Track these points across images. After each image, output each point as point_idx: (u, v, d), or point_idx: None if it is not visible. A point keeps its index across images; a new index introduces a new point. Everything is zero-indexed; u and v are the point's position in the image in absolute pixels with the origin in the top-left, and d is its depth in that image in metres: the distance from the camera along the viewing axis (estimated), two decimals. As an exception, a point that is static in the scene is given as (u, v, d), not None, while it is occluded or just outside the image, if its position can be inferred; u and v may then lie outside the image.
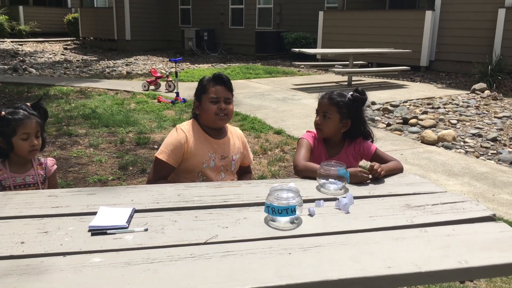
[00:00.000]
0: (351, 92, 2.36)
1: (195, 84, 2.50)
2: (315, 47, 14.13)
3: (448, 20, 11.63)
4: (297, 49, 11.09)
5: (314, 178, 2.08)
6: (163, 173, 2.30)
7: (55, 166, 2.39)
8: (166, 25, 20.24)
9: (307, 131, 2.45)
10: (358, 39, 13.01)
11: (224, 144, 2.40)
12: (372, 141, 2.44)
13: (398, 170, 2.28)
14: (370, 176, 2.12)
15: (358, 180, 2.07)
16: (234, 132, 2.52)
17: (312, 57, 13.93)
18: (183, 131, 2.33)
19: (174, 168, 2.31)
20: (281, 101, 8.33)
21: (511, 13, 10.47)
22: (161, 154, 2.28)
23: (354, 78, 10.91)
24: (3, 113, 2.17)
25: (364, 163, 2.57)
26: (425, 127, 6.41)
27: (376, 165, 2.13)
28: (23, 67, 12.59)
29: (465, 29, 11.34)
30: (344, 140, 2.42)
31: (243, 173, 2.61)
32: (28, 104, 2.27)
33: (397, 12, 12.95)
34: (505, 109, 7.65)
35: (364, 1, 14.57)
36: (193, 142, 2.32)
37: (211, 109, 2.31)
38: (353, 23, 13.31)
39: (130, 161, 4.72)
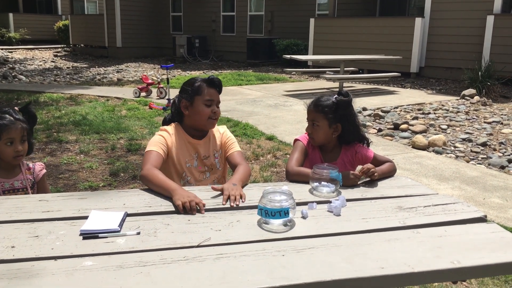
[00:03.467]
0: (335, 96, 2.34)
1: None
2: (307, 54, 14.19)
3: (437, 27, 11.76)
4: (288, 56, 11.13)
5: (306, 183, 2.09)
6: (154, 160, 2.17)
7: (44, 171, 2.37)
8: (157, 32, 20.24)
9: (305, 133, 2.42)
10: (349, 45, 13.10)
11: (205, 143, 2.40)
12: (368, 145, 2.42)
13: (392, 172, 2.29)
14: (362, 179, 2.12)
15: (350, 182, 2.08)
16: (216, 130, 2.48)
17: (304, 64, 13.99)
18: (166, 128, 2.37)
19: (162, 158, 2.23)
20: (272, 107, 8.35)
21: (499, 20, 10.62)
22: (150, 146, 2.25)
23: (345, 84, 10.97)
24: None
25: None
26: (415, 133, 6.45)
27: (369, 165, 2.13)
28: (13, 74, 12.50)
29: (455, 35, 11.48)
30: (340, 146, 2.40)
31: (234, 165, 2.36)
32: (16, 108, 2.25)
33: (387, 19, 13.07)
34: (495, 115, 7.73)
35: (355, 8, 14.69)
36: (176, 140, 2.33)
37: (205, 112, 2.31)
38: (344, 30, 13.40)
39: (121, 168, 4.70)
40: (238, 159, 2.35)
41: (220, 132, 2.48)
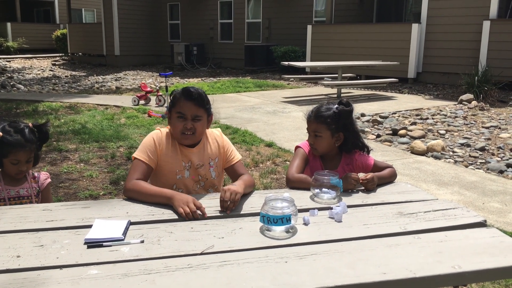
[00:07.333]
0: (336, 105, 2.32)
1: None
2: (304, 60, 14.26)
3: (434, 32, 11.83)
4: (286, 63, 11.18)
5: (307, 189, 2.10)
6: (140, 172, 2.13)
7: (49, 180, 2.39)
8: (155, 40, 20.32)
9: (307, 140, 2.42)
10: (347, 52, 13.16)
11: (198, 151, 2.27)
12: (368, 153, 2.43)
13: (392, 177, 2.32)
14: (359, 186, 2.15)
15: (349, 184, 2.10)
16: (210, 135, 2.36)
17: (302, 70, 14.05)
18: (160, 130, 2.28)
19: (152, 169, 2.19)
20: (271, 114, 8.37)
21: (495, 25, 10.69)
22: (137, 152, 2.21)
23: (343, 90, 11.01)
24: (0, 133, 2.17)
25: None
26: (414, 138, 6.47)
27: (371, 177, 2.15)
28: (11, 83, 12.52)
29: (451, 41, 11.55)
30: (341, 154, 2.40)
31: (236, 176, 2.30)
32: (30, 125, 2.27)
33: (384, 25, 13.15)
34: (492, 119, 7.77)
35: (352, 14, 14.78)
36: (167, 146, 2.22)
37: (177, 126, 2.19)
38: (341, 36, 13.48)
39: (121, 176, 4.70)
40: (241, 170, 2.31)
41: (217, 139, 2.35)
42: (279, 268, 1.40)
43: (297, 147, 2.44)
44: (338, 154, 2.40)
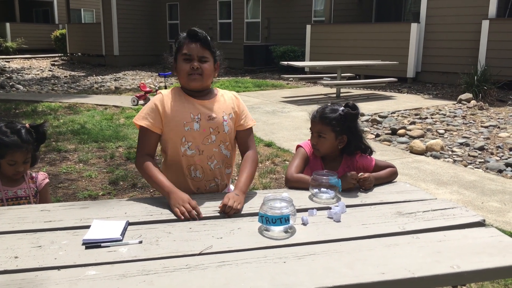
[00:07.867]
0: (342, 108, 2.29)
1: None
2: (304, 60, 14.26)
3: (433, 32, 11.84)
4: (285, 62, 11.18)
5: (306, 189, 2.10)
6: (147, 143, 2.11)
7: (47, 180, 2.39)
8: (154, 40, 20.31)
9: (309, 140, 2.40)
10: (346, 51, 13.17)
11: (211, 104, 2.17)
12: (370, 154, 2.39)
13: (391, 177, 2.31)
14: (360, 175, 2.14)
15: (348, 183, 2.09)
16: (225, 93, 2.29)
17: (301, 70, 14.05)
18: (161, 92, 2.19)
19: (158, 136, 2.13)
20: (270, 113, 8.37)
21: (494, 24, 10.70)
22: (138, 119, 2.13)
23: (342, 90, 11.01)
24: None
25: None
26: (413, 137, 6.47)
27: (368, 177, 2.15)
28: (10, 83, 12.51)
29: (450, 40, 11.55)
30: (342, 155, 2.37)
31: (243, 146, 2.30)
32: (27, 125, 2.26)
33: (383, 25, 13.15)
34: (491, 119, 7.77)
35: (351, 14, 14.78)
36: (171, 102, 2.13)
37: (184, 69, 2.11)
38: (340, 36, 13.48)
39: (120, 176, 4.70)
40: (249, 142, 2.31)
41: (235, 97, 2.29)
42: (278, 268, 1.40)
43: (298, 146, 2.42)
44: (339, 156, 2.38)
